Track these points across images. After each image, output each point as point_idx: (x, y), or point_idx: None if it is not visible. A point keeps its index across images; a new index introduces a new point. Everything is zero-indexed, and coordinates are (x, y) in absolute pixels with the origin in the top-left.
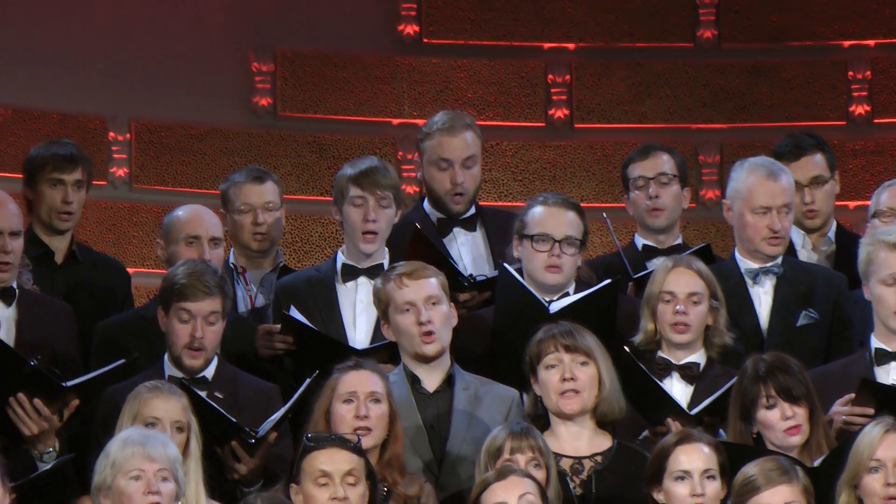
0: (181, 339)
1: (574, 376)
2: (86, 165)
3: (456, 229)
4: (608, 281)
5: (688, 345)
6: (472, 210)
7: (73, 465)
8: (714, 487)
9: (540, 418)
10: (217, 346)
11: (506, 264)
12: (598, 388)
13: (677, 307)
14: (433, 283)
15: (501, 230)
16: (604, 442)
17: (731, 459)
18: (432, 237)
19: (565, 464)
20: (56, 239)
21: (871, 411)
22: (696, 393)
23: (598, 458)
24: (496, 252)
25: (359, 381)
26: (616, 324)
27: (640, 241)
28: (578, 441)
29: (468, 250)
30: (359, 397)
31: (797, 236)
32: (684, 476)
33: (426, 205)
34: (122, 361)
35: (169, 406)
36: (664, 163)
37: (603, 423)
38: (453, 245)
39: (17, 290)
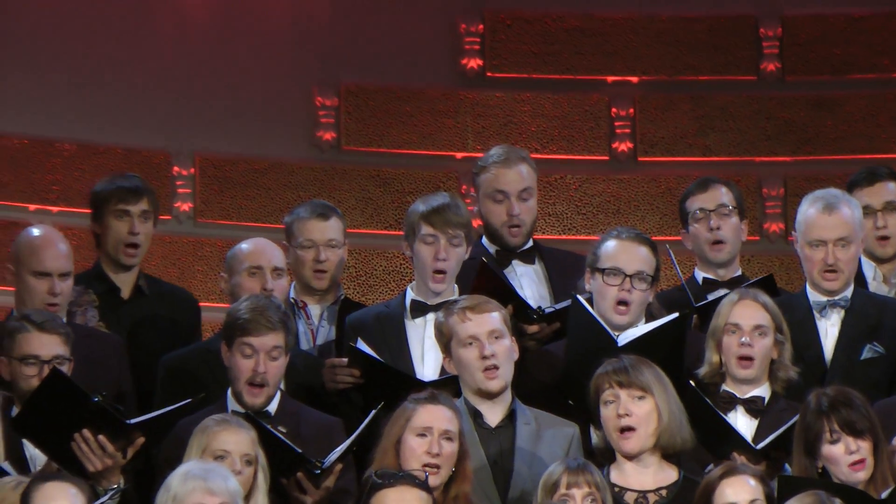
0: (244, 374)
1: (629, 412)
2: (151, 197)
3: (514, 262)
4: (677, 314)
5: (752, 379)
6: (530, 243)
7: (137, 499)
8: None
9: (608, 451)
10: (279, 381)
11: (578, 295)
12: (658, 422)
13: (742, 339)
14: (496, 318)
15: (560, 267)
16: (669, 475)
17: (786, 492)
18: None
19: (630, 497)
20: (122, 274)
21: None
22: (761, 427)
23: (663, 493)
24: (556, 290)
25: (435, 417)
26: (685, 357)
27: (701, 274)
28: (643, 475)
29: (529, 282)
30: (433, 433)
31: (868, 268)
32: None
33: (484, 239)
34: (188, 401)
35: (238, 439)
36: (723, 195)
37: (668, 455)
38: (514, 277)
39: None
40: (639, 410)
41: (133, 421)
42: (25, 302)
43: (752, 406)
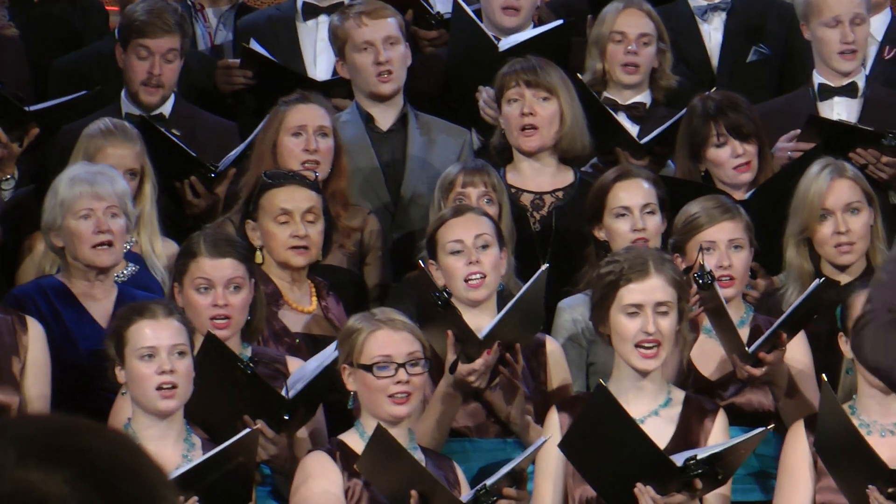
0: (139, 76)
1: (533, 111)
2: None
3: None
4: (561, 21)
5: (635, 85)
6: None
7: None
8: (655, 222)
9: (505, 151)
10: (174, 83)
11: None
12: (560, 124)
13: (629, 47)
14: (392, 23)
15: None
16: (566, 177)
17: (675, 195)
18: None
19: (526, 199)
20: None
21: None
22: (643, 132)
23: (560, 194)
24: None
25: (307, 115)
26: (569, 64)
27: None
28: (540, 176)
29: None
30: (308, 131)
31: None
32: (625, 212)
33: None
34: (85, 92)
35: (123, 152)
36: None
37: (566, 159)
38: None
39: None
40: (543, 111)
41: (32, 108)
42: None
43: (635, 112)
